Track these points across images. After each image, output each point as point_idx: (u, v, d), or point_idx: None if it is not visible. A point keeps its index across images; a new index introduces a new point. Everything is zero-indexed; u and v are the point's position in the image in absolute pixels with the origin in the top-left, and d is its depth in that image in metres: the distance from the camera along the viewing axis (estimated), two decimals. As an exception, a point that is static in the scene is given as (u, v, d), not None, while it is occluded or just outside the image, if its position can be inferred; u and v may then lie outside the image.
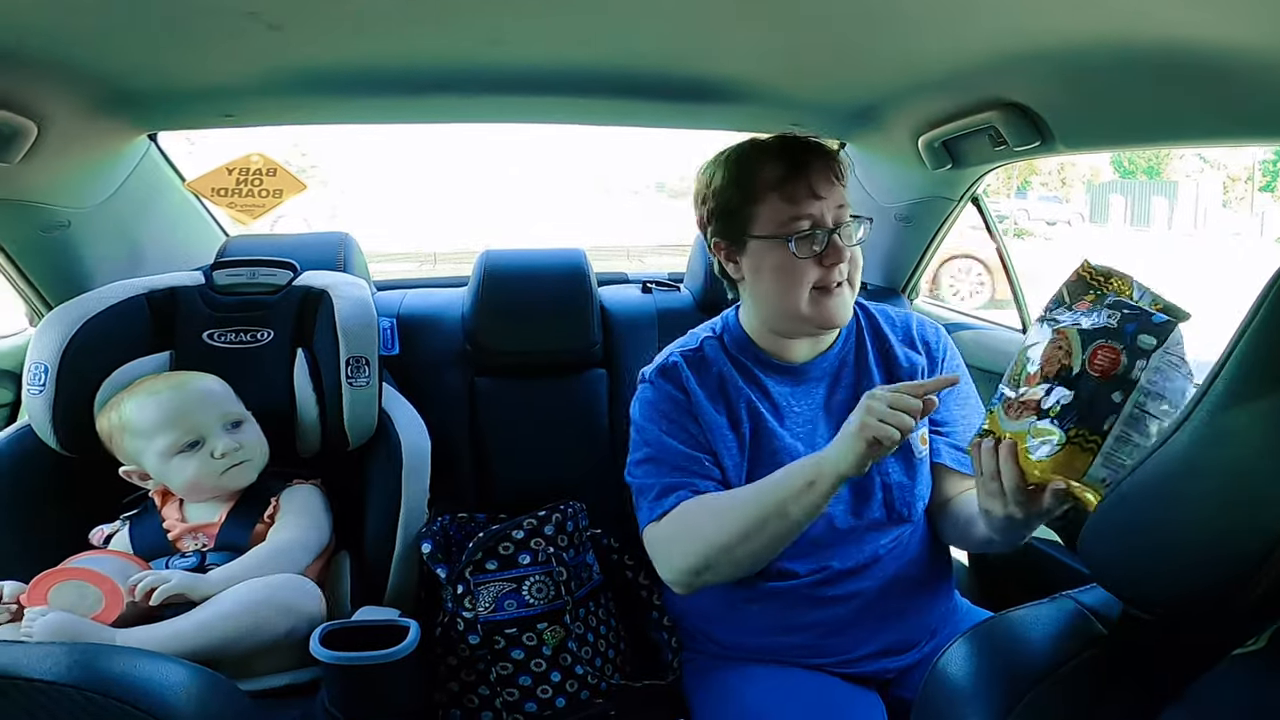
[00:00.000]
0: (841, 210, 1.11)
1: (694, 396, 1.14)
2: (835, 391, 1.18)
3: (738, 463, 1.13)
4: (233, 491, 1.24)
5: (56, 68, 1.08)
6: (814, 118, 1.60)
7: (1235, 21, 0.78)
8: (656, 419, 1.14)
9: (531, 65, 1.24)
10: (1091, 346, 0.80)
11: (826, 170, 1.11)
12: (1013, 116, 1.22)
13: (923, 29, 1.03)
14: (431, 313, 1.72)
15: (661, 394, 1.15)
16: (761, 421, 1.14)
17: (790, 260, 1.09)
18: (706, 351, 1.18)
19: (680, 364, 1.17)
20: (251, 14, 0.93)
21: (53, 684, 0.60)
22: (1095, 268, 0.87)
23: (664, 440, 1.12)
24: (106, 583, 1.05)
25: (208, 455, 1.21)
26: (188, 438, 1.20)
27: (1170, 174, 22.26)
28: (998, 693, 0.63)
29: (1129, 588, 0.63)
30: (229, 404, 1.26)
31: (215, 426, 1.22)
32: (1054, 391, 0.81)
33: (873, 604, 1.13)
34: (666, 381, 1.16)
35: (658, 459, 1.12)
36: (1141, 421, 0.77)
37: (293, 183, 1.48)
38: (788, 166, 1.10)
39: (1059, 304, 0.87)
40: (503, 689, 1.22)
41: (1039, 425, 0.82)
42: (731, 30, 1.08)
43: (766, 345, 1.19)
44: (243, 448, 1.23)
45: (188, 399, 1.23)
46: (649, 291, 1.83)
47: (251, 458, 1.25)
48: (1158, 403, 0.77)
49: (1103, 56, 0.96)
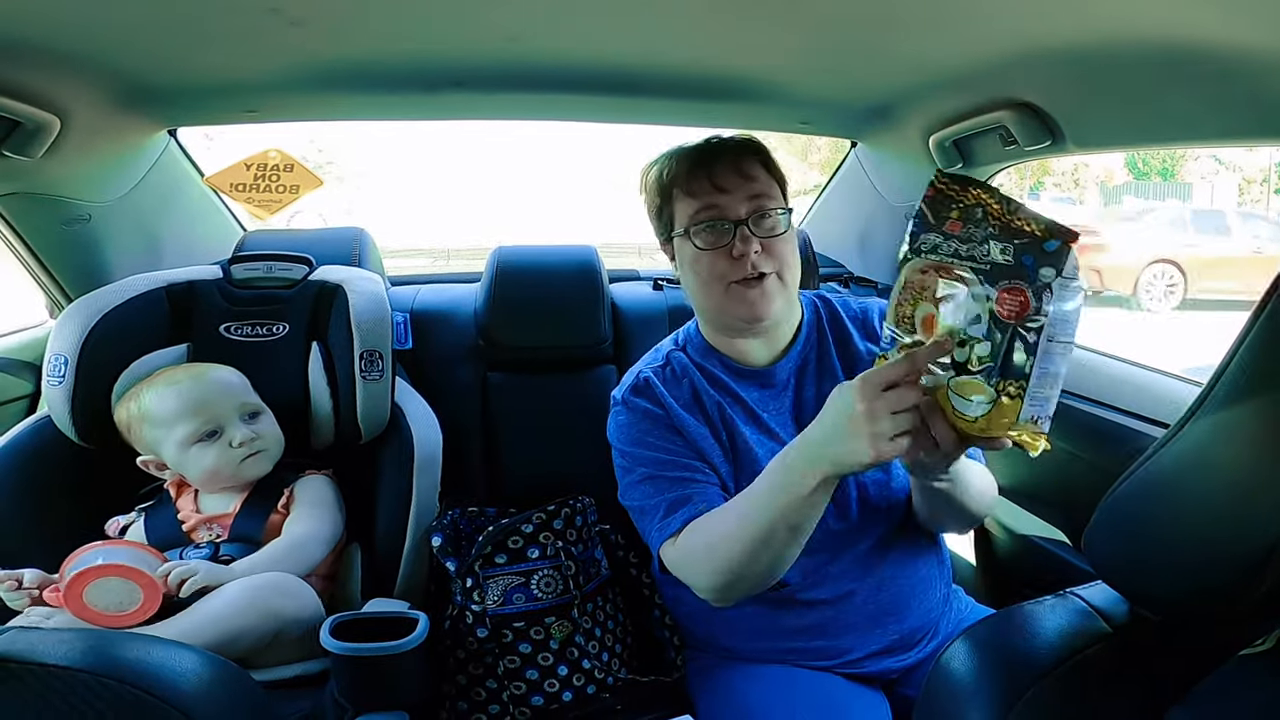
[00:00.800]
0: (757, 200, 1.09)
1: (671, 410, 1.14)
2: (803, 392, 1.17)
3: (729, 470, 1.12)
4: (248, 482, 1.26)
5: (80, 63, 1.10)
6: (826, 116, 1.60)
7: (1244, 22, 0.78)
8: (640, 438, 1.13)
9: (547, 63, 1.25)
10: (997, 290, 0.77)
11: (735, 163, 1.10)
12: (1023, 116, 1.22)
13: (934, 29, 1.03)
14: (445, 308, 1.73)
15: (638, 413, 1.15)
16: (735, 428, 1.13)
17: (697, 254, 1.10)
18: (674, 364, 1.19)
19: (652, 379, 1.16)
20: (273, 10, 0.94)
21: (68, 669, 0.61)
22: (949, 175, 0.82)
23: (656, 456, 1.11)
24: (144, 577, 1.04)
25: (226, 445, 1.23)
26: (207, 427, 1.22)
27: (1185, 176, 22.02)
28: (1000, 688, 0.63)
29: (1133, 585, 0.63)
30: (246, 395, 1.29)
31: (233, 416, 1.24)
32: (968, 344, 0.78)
33: (866, 604, 1.12)
34: (641, 399, 1.16)
35: (654, 476, 1.10)
36: (1052, 353, 0.75)
37: (310, 178, 1.49)
38: (692, 163, 1.11)
39: (923, 226, 0.82)
40: (510, 682, 1.23)
41: (961, 381, 0.78)
42: (746, 29, 1.08)
43: (724, 349, 1.19)
44: (260, 438, 1.25)
45: (207, 389, 1.25)
46: (660, 289, 1.84)
47: (268, 448, 1.27)
48: (1063, 328, 0.75)
49: (1113, 56, 0.97)
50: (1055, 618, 0.68)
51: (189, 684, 0.64)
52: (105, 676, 0.61)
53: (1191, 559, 0.57)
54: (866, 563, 1.13)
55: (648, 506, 1.10)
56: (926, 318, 0.82)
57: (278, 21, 0.98)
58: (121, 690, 0.61)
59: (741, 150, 1.13)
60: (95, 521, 1.26)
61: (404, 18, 1.03)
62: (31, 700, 0.59)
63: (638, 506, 1.12)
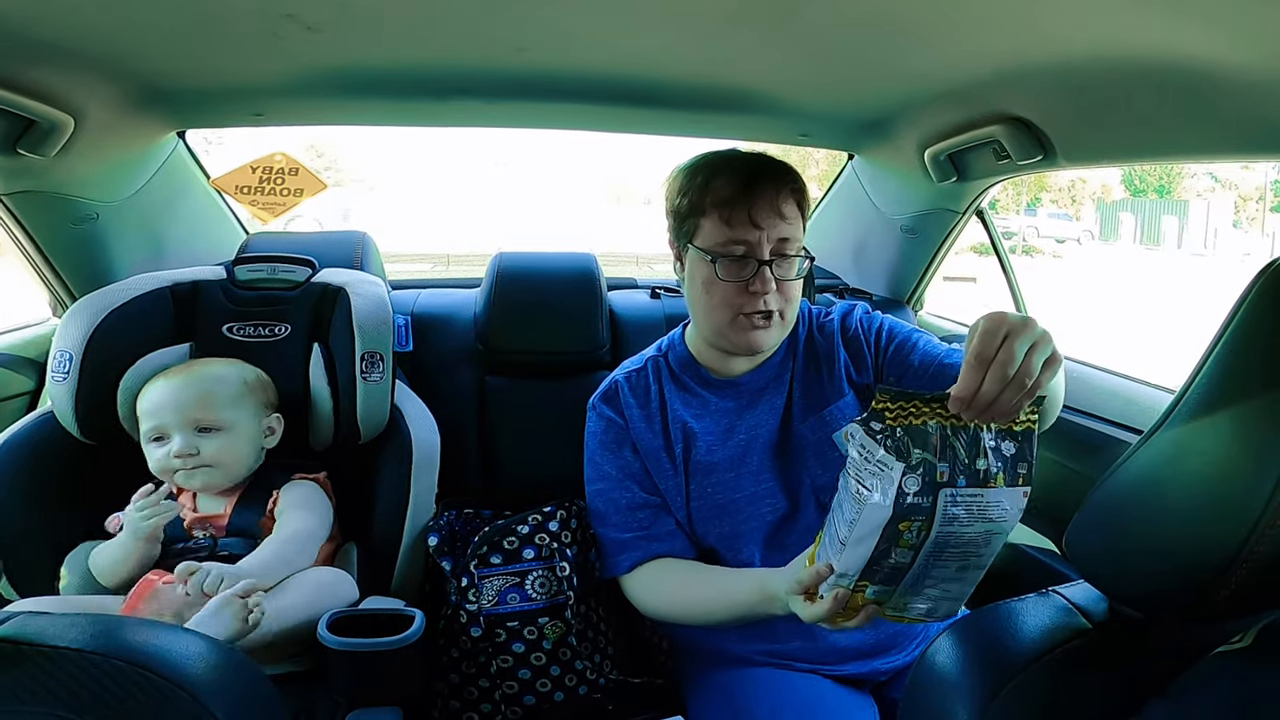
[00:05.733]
0: (784, 244, 1.11)
1: (632, 423, 1.22)
2: (773, 404, 1.20)
3: (677, 484, 1.19)
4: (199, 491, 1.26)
5: (98, 64, 1.12)
6: (824, 129, 1.63)
7: (1232, 41, 0.80)
8: (601, 449, 1.24)
9: (553, 73, 1.28)
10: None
11: (774, 200, 1.11)
12: (1015, 130, 1.24)
13: (929, 44, 1.05)
14: (445, 312, 1.75)
15: (604, 422, 1.24)
16: (693, 441, 1.19)
17: (714, 280, 1.12)
18: (649, 371, 1.25)
19: (622, 386, 1.24)
20: (290, 16, 0.97)
21: (79, 651, 0.63)
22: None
23: (611, 474, 1.22)
24: None
25: (166, 454, 1.22)
26: (155, 432, 1.23)
27: (1181, 193, 22.15)
28: (983, 679, 0.65)
29: (1110, 582, 0.65)
30: (206, 409, 1.24)
31: (180, 427, 1.22)
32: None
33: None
34: (608, 407, 1.25)
35: (608, 494, 1.22)
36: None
37: (314, 182, 1.52)
38: (736, 189, 1.10)
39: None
40: (502, 681, 1.24)
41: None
42: (747, 44, 1.11)
43: (708, 361, 1.23)
44: (197, 455, 1.22)
45: (168, 395, 1.24)
46: (657, 297, 1.86)
47: (212, 466, 1.23)
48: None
49: (1103, 72, 0.99)
50: (1037, 613, 0.70)
51: (195, 666, 0.66)
52: (114, 658, 0.63)
53: (1165, 557, 0.59)
54: None
55: (597, 534, 1.24)
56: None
57: (294, 27, 1.00)
58: (131, 671, 0.62)
59: (781, 183, 1.12)
60: (96, 517, 1.26)
61: (418, 26, 1.06)
62: (43, 681, 0.61)
63: (594, 511, 1.25)
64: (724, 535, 1.16)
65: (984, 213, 1.76)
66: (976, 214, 1.74)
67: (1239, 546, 0.53)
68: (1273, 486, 0.51)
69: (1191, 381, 0.58)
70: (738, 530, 1.16)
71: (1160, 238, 21.07)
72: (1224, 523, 0.54)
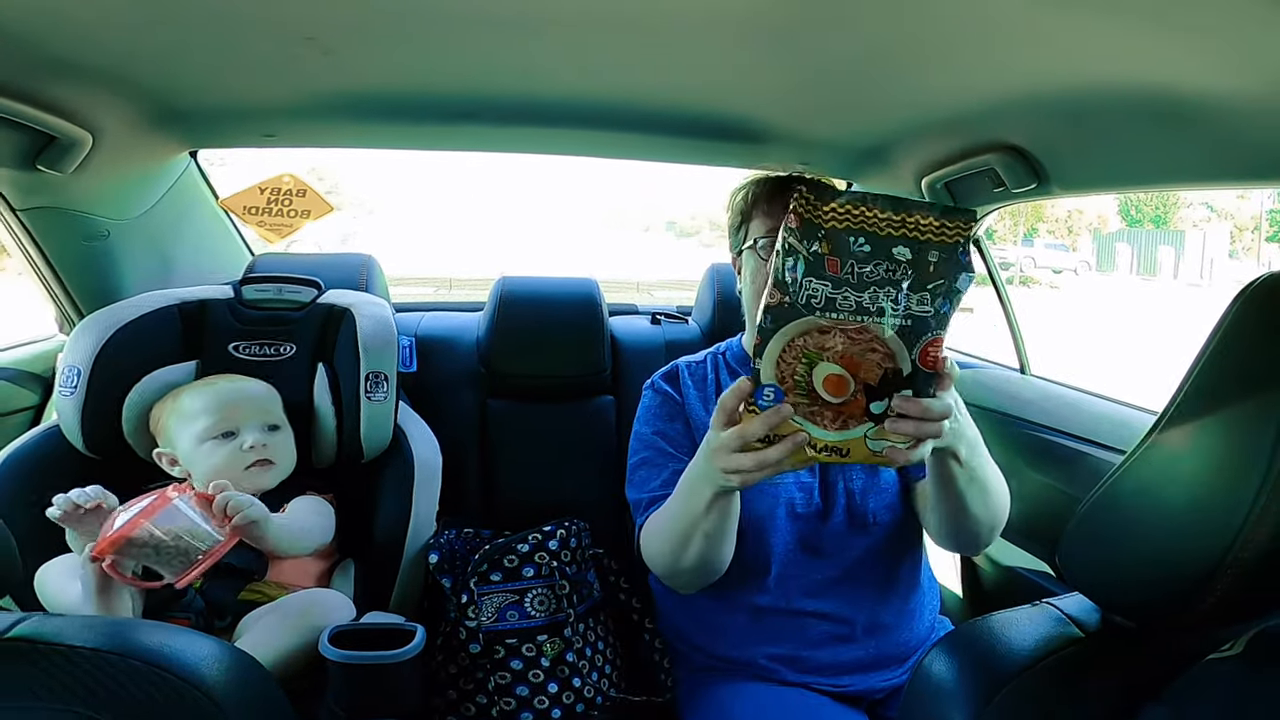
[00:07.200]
0: None
1: (688, 399, 1.23)
2: None
3: None
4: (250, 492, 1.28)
5: (116, 82, 1.15)
6: (824, 157, 1.66)
7: (1225, 68, 0.81)
8: (652, 419, 1.24)
9: (558, 99, 1.31)
10: (919, 346, 0.73)
11: None
12: (1011, 159, 1.26)
13: (926, 75, 1.08)
14: (448, 335, 1.78)
15: (660, 397, 1.26)
16: None
17: (760, 266, 1.16)
18: (708, 363, 1.28)
19: (682, 370, 1.28)
20: (309, 39, 1.00)
21: (95, 650, 0.64)
22: (806, 198, 0.73)
23: (657, 441, 1.21)
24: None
25: (237, 447, 1.25)
26: (224, 426, 1.26)
27: (1178, 223, 22.32)
28: (978, 685, 0.66)
29: (1102, 592, 0.67)
30: (272, 408, 1.33)
31: (253, 422, 1.28)
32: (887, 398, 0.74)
33: (850, 616, 1.16)
34: (666, 384, 1.27)
35: (650, 461, 1.20)
36: None
37: (321, 204, 1.54)
38: (774, 188, 1.21)
39: (805, 268, 0.72)
40: (500, 698, 1.24)
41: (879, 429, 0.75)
42: (749, 72, 1.14)
43: None
44: (270, 448, 1.28)
45: (237, 394, 1.30)
46: (658, 323, 1.89)
47: (278, 461, 1.29)
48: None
49: (1097, 101, 1.01)
50: (1031, 623, 0.71)
51: (210, 668, 0.67)
52: (132, 658, 0.64)
53: (1154, 566, 0.60)
54: (851, 574, 1.17)
55: (638, 501, 1.18)
56: (831, 378, 0.75)
57: (311, 50, 1.03)
58: (147, 671, 0.64)
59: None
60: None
61: (430, 51, 1.09)
62: (60, 678, 0.62)
63: (634, 500, 1.20)
64: (752, 518, 1.16)
65: (980, 242, 1.79)
66: (973, 243, 1.76)
67: (1224, 554, 0.55)
68: (1254, 496, 0.53)
69: (1177, 396, 0.60)
70: (769, 512, 1.16)
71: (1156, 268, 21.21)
72: (1209, 531, 0.56)
